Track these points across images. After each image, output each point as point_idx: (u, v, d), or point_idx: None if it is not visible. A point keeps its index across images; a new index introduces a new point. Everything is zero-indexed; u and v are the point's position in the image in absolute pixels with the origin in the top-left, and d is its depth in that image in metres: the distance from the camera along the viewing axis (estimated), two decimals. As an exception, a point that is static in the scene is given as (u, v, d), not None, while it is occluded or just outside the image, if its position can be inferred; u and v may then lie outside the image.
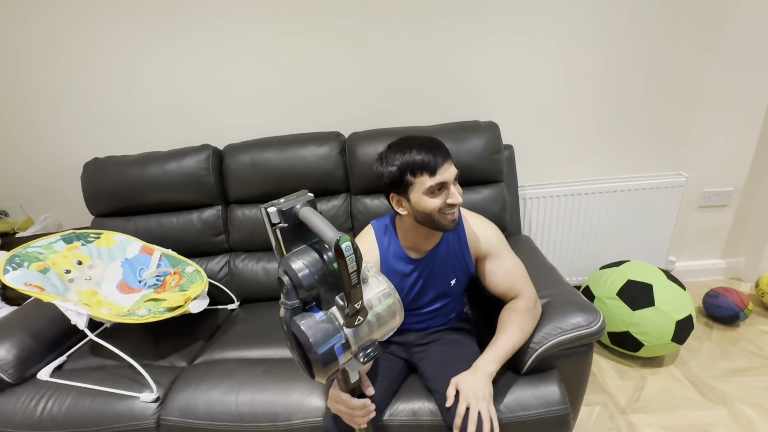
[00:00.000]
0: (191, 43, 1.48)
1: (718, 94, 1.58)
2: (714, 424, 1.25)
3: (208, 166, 1.43)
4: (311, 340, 0.55)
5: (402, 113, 1.57)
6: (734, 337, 1.59)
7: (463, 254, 0.99)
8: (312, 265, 0.57)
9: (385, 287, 0.63)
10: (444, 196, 0.86)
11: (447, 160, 0.86)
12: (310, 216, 0.56)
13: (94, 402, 1.03)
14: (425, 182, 0.85)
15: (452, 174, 0.86)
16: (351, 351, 0.59)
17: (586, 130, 1.63)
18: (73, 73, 1.53)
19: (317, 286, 0.57)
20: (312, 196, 0.61)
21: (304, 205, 0.59)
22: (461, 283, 1.03)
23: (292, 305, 0.57)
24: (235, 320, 1.38)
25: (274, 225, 0.59)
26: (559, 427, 0.91)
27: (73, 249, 1.26)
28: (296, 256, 0.58)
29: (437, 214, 0.87)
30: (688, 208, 1.79)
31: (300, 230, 0.60)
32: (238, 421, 0.98)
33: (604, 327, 0.93)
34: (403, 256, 0.98)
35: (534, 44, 1.49)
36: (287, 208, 0.58)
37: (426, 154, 0.84)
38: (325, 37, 1.47)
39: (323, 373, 0.57)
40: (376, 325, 0.61)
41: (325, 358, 0.56)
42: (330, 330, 0.57)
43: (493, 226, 1.02)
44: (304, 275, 0.56)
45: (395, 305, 0.63)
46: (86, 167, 1.47)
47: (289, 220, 0.59)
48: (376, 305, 0.61)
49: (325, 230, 0.53)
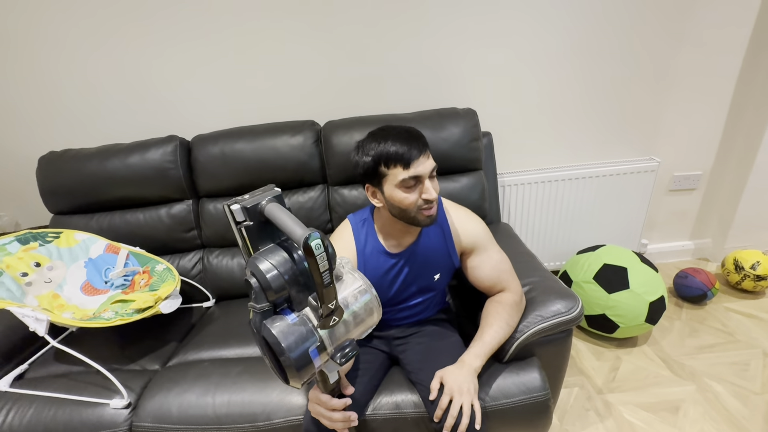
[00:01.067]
0: (155, 30, 1.38)
1: (686, 79, 1.61)
2: (684, 399, 1.30)
3: (175, 159, 1.35)
4: (283, 344, 0.52)
5: (379, 101, 1.53)
6: (702, 315, 1.66)
7: (447, 249, 0.97)
8: (281, 265, 0.54)
9: (361, 284, 0.60)
10: (419, 191, 0.83)
11: (424, 152, 0.82)
12: (277, 212, 0.53)
13: (59, 411, 0.98)
14: (398, 174, 0.82)
15: (428, 168, 0.83)
16: (327, 353, 0.56)
17: (562, 117, 1.64)
18: (24, 62, 1.40)
19: (288, 287, 0.54)
20: (279, 191, 0.58)
21: (270, 201, 0.56)
22: (445, 277, 1.01)
23: (262, 308, 0.54)
24: (210, 319, 1.33)
25: (238, 223, 0.56)
26: (540, 413, 0.92)
27: (29, 250, 1.17)
28: (264, 256, 0.55)
29: (413, 209, 0.84)
30: (660, 191, 1.84)
31: (267, 228, 0.57)
32: (216, 424, 0.94)
33: (582, 313, 0.94)
34: (381, 250, 0.95)
35: (509, 31, 1.47)
36: (252, 205, 0.55)
37: (401, 145, 0.81)
38: (299, 24, 1.40)
39: (298, 378, 0.54)
40: (352, 324, 0.59)
41: (299, 362, 0.53)
42: (303, 333, 0.54)
43: (478, 219, 0.99)
44: (273, 276, 0.53)
45: (372, 302, 0.60)
46: (41, 161, 1.37)
47: (255, 217, 0.55)
48: (352, 303, 0.59)
49: (293, 227, 0.50)
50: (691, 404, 1.28)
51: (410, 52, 1.47)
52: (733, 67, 1.61)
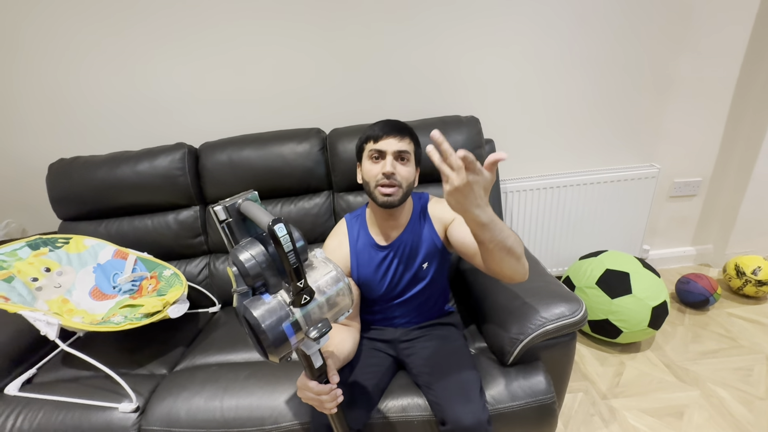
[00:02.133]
0: (164, 40, 1.42)
1: (686, 86, 1.64)
2: (688, 405, 1.30)
3: (183, 166, 1.37)
4: (258, 318, 0.58)
5: (384, 109, 1.55)
6: (705, 320, 1.66)
7: (430, 234, 1.00)
8: (258, 255, 0.62)
9: (333, 271, 0.66)
10: (381, 166, 0.91)
11: (395, 135, 0.91)
12: (249, 207, 0.62)
13: (68, 416, 0.98)
14: (368, 147, 0.94)
15: (393, 146, 0.91)
16: (302, 331, 0.62)
17: (563, 125, 1.67)
18: (35, 70, 1.44)
19: (264, 272, 0.62)
20: (255, 193, 0.67)
21: (246, 200, 0.64)
22: (433, 264, 1.02)
23: (242, 290, 0.62)
24: (216, 324, 1.34)
25: (221, 222, 0.65)
26: (545, 416, 0.93)
27: (40, 255, 1.19)
28: (243, 247, 0.62)
29: (373, 183, 0.92)
30: (660, 198, 1.86)
31: (244, 224, 0.66)
32: (224, 427, 0.95)
33: (586, 316, 0.95)
34: (372, 244, 1.00)
35: (512, 40, 1.50)
36: (230, 204, 0.64)
37: (380, 125, 0.93)
38: (303, 33, 1.44)
39: (275, 352, 0.60)
40: (326, 306, 0.65)
41: (273, 336, 0.58)
42: (276, 308, 0.60)
43: None
44: (251, 264, 0.61)
45: (344, 289, 0.66)
46: (51, 168, 1.40)
47: (234, 214, 0.65)
48: (324, 288, 0.64)
49: (261, 217, 0.58)
50: (696, 409, 1.28)
51: (415, 61, 1.50)
52: (732, 73, 1.64)
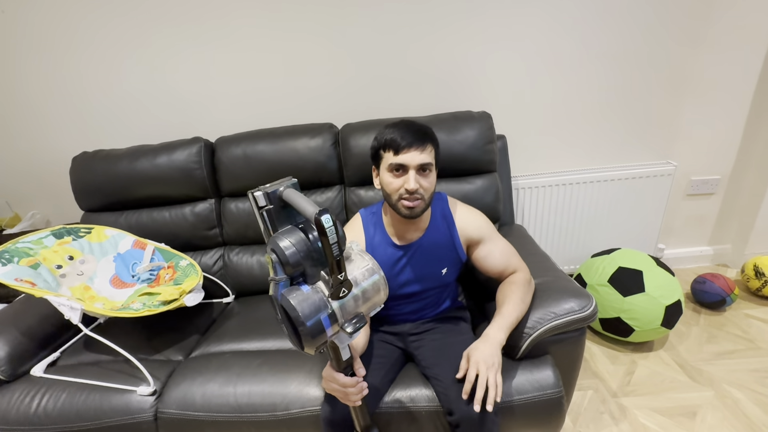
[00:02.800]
0: (182, 37, 1.45)
1: (705, 83, 1.60)
2: (701, 405, 1.28)
3: (199, 159, 1.41)
4: (298, 310, 0.57)
5: (396, 104, 1.57)
6: (721, 321, 1.63)
7: (454, 244, 1.01)
8: (297, 243, 0.60)
9: (369, 263, 0.65)
10: (404, 180, 0.89)
11: (418, 146, 0.87)
12: (293, 196, 0.60)
13: (89, 397, 1.03)
14: (389, 159, 0.90)
15: (415, 160, 0.88)
16: (338, 323, 0.61)
17: (577, 121, 1.65)
18: (59, 66, 1.49)
19: (303, 262, 0.60)
20: (295, 180, 0.65)
21: (288, 187, 0.63)
22: (453, 272, 1.04)
23: (280, 279, 0.61)
24: (230, 314, 1.38)
25: (261, 208, 0.63)
26: (553, 410, 0.93)
27: (63, 244, 1.24)
28: (283, 235, 0.61)
29: (395, 196, 0.90)
30: (677, 196, 1.82)
31: (285, 211, 0.64)
32: (237, 412, 0.98)
33: (596, 311, 0.95)
34: (389, 242, 1.00)
35: (525, 35, 1.50)
36: (272, 191, 0.62)
37: (400, 134, 0.88)
38: (317, 29, 1.45)
39: (312, 344, 0.59)
40: (361, 299, 0.64)
41: (313, 329, 0.58)
42: (316, 301, 0.59)
43: (480, 213, 1.05)
44: (291, 252, 0.59)
45: (380, 282, 0.65)
46: (75, 161, 1.45)
47: (275, 201, 0.62)
48: (360, 281, 0.64)
49: (306, 206, 0.56)
50: (710, 410, 1.26)
51: (427, 56, 1.51)
52: (754, 69, 1.59)
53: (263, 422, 0.98)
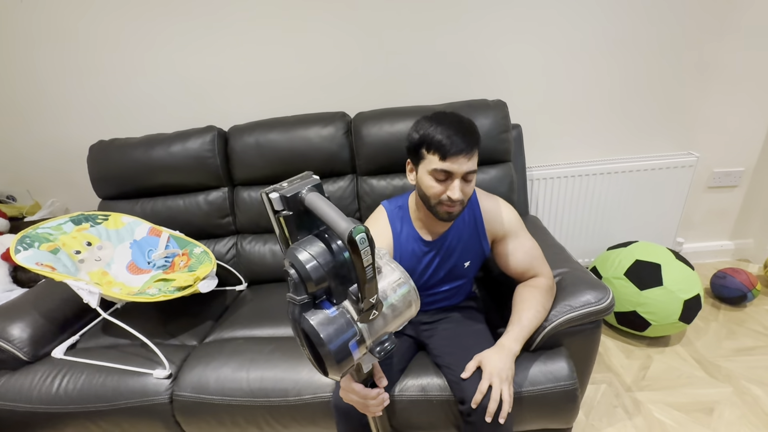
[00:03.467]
0: (195, 26, 1.45)
1: (730, 70, 1.54)
2: (719, 401, 1.26)
3: (213, 148, 1.42)
4: (323, 337, 0.51)
5: (409, 93, 1.55)
6: (741, 317, 1.59)
7: (479, 237, 0.98)
8: (320, 256, 0.52)
9: (400, 276, 0.59)
10: (446, 186, 0.83)
11: (466, 153, 0.81)
12: (318, 203, 0.51)
13: (108, 379, 1.06)
14: (433, 162, 0.82)
15: (463, 168, 0.81)
16: (366, 346, 0.55)
17: (595, 110, 1.61)
18: (76, 57, 1.51)
19: (327, 278, 0.52)
20: (318, 179, 0.55)
21: (311, 191, 0.53)
22: (475, 265, 1.02)
23: (302, 300, 0.52)
24: (243, 301, 1.39)
25: (277, 212, 0.54)
26: (566, 402, 0.92)
27: (82, 230, 1.26)
28: (303, 246, 0.52)
29: (435, 200, 0.85)
30: (698, 188, 1.77)
31: (305, 218, 0.55)
32: (250, 397, 1.00)
33: (613, 304, 0.93)
34: (417, 238, 0.97)
35: (542, 21, 1.45)
36: (291, 194, 0.52)
37: (449, 136, 0.80)
38: (329, 18, 1.44)
39: (337, 370, 0.54)
40: (391, 316, 0.57)
41: (338, 355, 0.52)
42: (343, 325, 0.53)
43: (510, 207, 1.00)
44: (313, 267, 0.51)
45: (411, 295, 0.59)
46: (92, 149, 1.47)
47: (294, 207, 0.53)
48: (390, 296, 0.57)
49: (337, 220, 0.48)
50: (727, 406, 1.24)
51: (442, 44, 1.48)
52: (782, 57, 1.53)
53: (275, 407, 0.99)
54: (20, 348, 1.09)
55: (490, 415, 0.79)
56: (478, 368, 0.85)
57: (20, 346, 1.10)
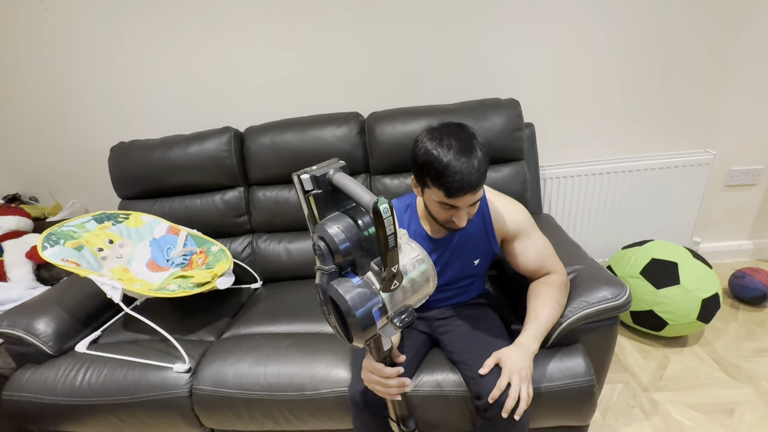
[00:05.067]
0: (212, 30, 1.49)
1: (748, 66, 1.52)
2: (740, 402, 1.23)
3: (229, 148, 1.45)
4: (350, 303, 0.55)
5: (422, 92, 1.56)
6: (761, 318, 1.55)
7: (488, 235, 0.98)
8: (347, 230, 0.57)
9: (419, 253, 0.63)
10: (452, 213, 0.84)
11: (471, 191, 0.79)
12: (345, 181, 0.56)
13: (129, 372, 1.08)
14: (438, 196, 0.81)
15: (468, 202, 0.81)
16: (387, 316, 0.59)
17: (608, 108, 1.60)
18: (97, 61, 1.56)
19: (353, 251, 0.57)
20: (344, 163, 0.60)
21: (338, 171, 0.58)
22: (485, 263, 1.03)
23: (329, 270, 0.57)
24: (258, 298, 1.41)
25: (307, 192, 0.58)
26: (584, 399, 0.91)
27: (104, 228, 1.30)
28: (331, 221, 0.57)
29: (441, 221, 0.88)
30: (715, 187, 1.74)
31: (333, 197, 0.59)
32: (267, 391, 1.01)
33: (630, 300, 0.92)
34: (423, 235, 0.98)
35: (555, 20, 1.46)
36: (321, 174, 0.57)
37: (452, 171, 0.76)
38: (343, 20, 1.46)
39: (361, 336, 0.57)
40: (410, 290, 0.61)
41: (363, 321, 0.56)
42: (367, 294, 0.57)
43: (520, 206, 1.00)
44: (341, 239, 0.56)
45: (429, 271, 0.63)
46: (113, 151, 1.51)
47: (323, 186, 0.58)
48: (410, 271, 0.61)
49: (362, 194, 0.53)
50: (749, 408, 1.21)
51: (454, 44, 1.49)
52: (802, 53, 1.50)
53: (293, 401, 1.01)
54: (45, 342, 1.13)
55: (507, 411, 0.79)
56: (496, 365, 0.85)
57: (45, 341, 1.13)
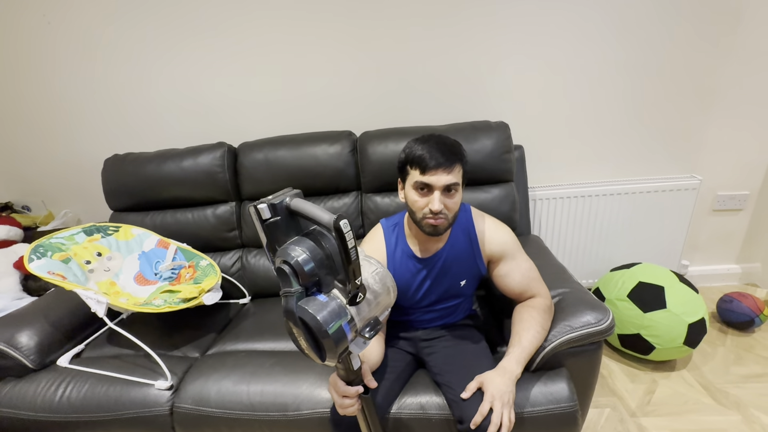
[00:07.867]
0: (208, 47, 1.53)
1: (734, 93, 1.56)
2: (727, 429, 1.23)
3: (223, 163, 1.46)
4: (320, 320, 0.56)
5: (414, 113, 1.59)
6: (749, 343, 1.56)
7: (474, 257, 0.99)
8: (310, 250, 0.59)
9: (377, 267, 0.66)
10: (428, 200, 0.87)
11: (446, 167, 0.85)
12: (303, 204, 0.59)
13: (110, 388, 1.07)
14: (415, 176, 0.88)
15: (441, 181, 0.86)
16: (356, 329, 0.61)
17: (597, 132, 1.63)
18: (93, 73, 1.59)
19: (317, 270, 0.59)
20: (299, 191, 0.63)
21: (294, 197, 0.61)
22: (472, 284, 1.04)
23: (296, 291, 0.58)
24: (246, 314, 1.41)
25: (265, 221, 0.60)
26: (567, 424, 0.91)
27: (93, 241, 1.30)
28: (293, 244, 0.59)
29: (419, 214, 0.89)
30: (702, 211, 1.77)
31: (291, 222, 0.62)
32: (250, 410, 1.00)
33: (613, 325, 0.93)
34: (410, 254, 0.99)
35: (545, 45, 1.50)
36: (278, 202, 0.60)
37: (428, 151, 0.86)
38: (338, 38, 1.50)
39: (334, 352, 0.58)
40: (374, 302, 0.64)
41: (335, 335, 0.57)
42: (335, 309, 0.58)
43: (507, 229, 1.01)
44: (304, 259, 0.57)
45: (388, 280, 0.66)
46: (107, 163, 1.52)
47: (281, 212, 0.60)
48: (372, 284, 0.65)
49: (321, 214, 0.56)
50: (735, 435, 1.21)
51: (445, 66, 1.53)
52: (785, 82, 1.55)
53: (275, 422, 0.99)
54: (27, 356, 1.11)
55: None
56: (478, 389, 0.85)
57: (27, 354, 1.11)
